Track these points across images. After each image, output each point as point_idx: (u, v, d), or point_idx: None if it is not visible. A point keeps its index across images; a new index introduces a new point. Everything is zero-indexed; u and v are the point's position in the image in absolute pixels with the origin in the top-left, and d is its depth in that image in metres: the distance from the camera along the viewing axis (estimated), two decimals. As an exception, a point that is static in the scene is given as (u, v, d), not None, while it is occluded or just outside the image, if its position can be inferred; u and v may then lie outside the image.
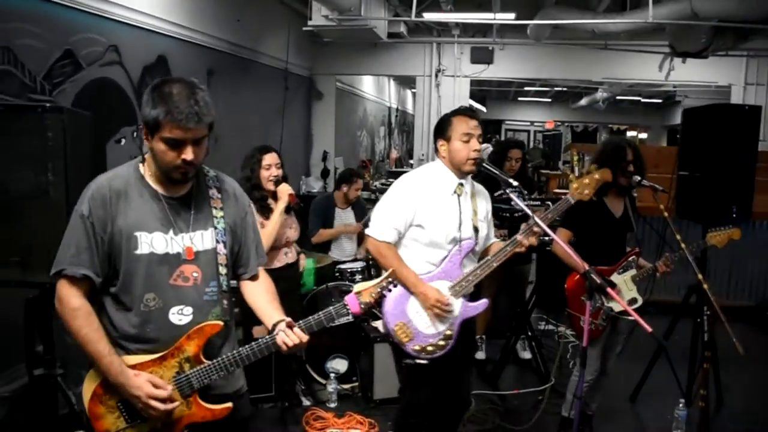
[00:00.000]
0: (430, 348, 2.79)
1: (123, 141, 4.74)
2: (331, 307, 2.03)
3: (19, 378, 4.11)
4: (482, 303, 2.91)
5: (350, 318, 2.09)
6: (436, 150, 2.94)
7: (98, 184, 1.95)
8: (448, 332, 2.82)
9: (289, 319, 2.02)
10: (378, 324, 4.34)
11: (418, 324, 2.78)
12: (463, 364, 3.11)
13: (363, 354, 4.36)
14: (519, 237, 2.76)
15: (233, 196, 2.15)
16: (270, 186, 3.68)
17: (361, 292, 2.06)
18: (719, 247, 3.76)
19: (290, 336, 1.97)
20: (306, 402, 4.19)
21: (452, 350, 2.85)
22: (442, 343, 2.81)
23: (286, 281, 3.77)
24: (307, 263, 4.49)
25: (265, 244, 3.53)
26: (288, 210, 3.72)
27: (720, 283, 6.50)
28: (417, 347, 2.78)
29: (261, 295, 2.19)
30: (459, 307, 2.83)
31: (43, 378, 3.04)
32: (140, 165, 2.01)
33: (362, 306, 2.04)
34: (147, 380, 1.90)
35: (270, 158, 3.70)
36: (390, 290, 2.12)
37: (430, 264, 2.84)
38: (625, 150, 3.46)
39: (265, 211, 3.65)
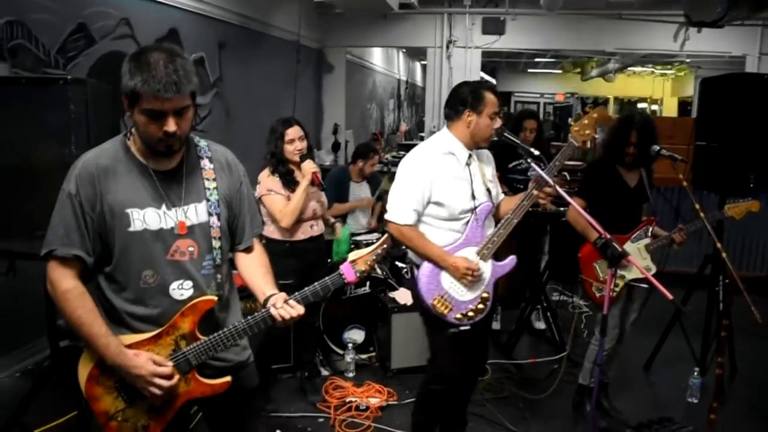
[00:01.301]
0: (471, 313, 2.85)
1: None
2: (327, 278, 2.02)
3: (41, 351, 4.19)
4: (511, 260, 2.94)
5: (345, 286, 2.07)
6: (456, 117, 2.89)
7: (85, 161, 1.88)
8: (485, 294, 2.87)
9: (282, 294, 1.99)
10: (395, 294, 4.38)
11: (454, 293, 2.83)
12: (485, 331, 3.17)
13: (380, 324, 4.40)
14: (534, 191, 2.78)
15: (226, 166, 2.08)
16: (296, 159, 3.64)
17: (356, 260, 2.03)
18: (737, 218, 3.74)
19: (286, 309, 1.94)
20: (324, 372, 4.24)
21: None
22: (481, 306, 2.87)
23: (312, 253, 3.79)
24: (343, 231, 4.49)
25: (290, 219, 3.56)
26: (312, 184, 3.71)
27: (733, 253, 6.48)
28: (458, 315, 2.84)
29: (255, 269, 2.14)
30: (489, 268, 2.88)
31: (69, 349, 3.08)
32: (127, 140, 1.93)
33: (358, 274, 2.03)
34: (148, 359, 1.86)
35: (293, 132, 3.64)
36: (385, 257, 2.11)
37: (454, 232, 2.86)
38: (629, 133, 3.44)
39: (291, 185, 3.63)
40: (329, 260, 4.35)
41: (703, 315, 4.21)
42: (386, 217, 2.91)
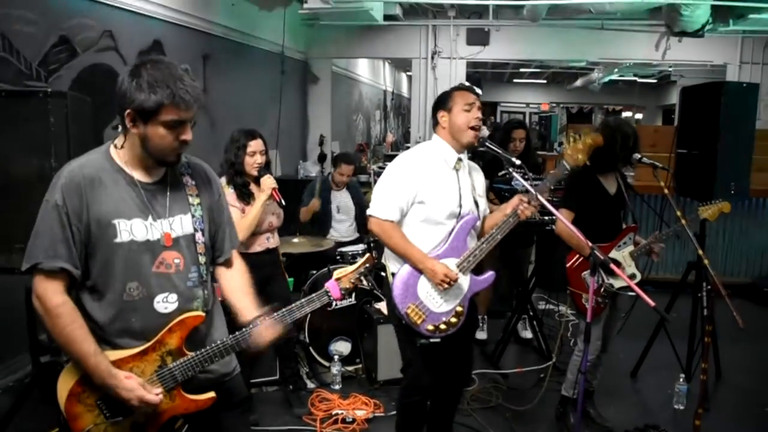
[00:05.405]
0: (443, 326, 2.80)
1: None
2: (313, 294, 2.09)
3: (23, 368, 4.13)
4: (489, 276, 2.91)
5: (332, 302, 2.18)
6: (436, 123, 2.92)
7: (70, 171, 1.84)
8: (459, 309, 2.83)
9: (262, 312, 2.04)
10: (381, 306, 4.36)
11: (429, 304, 2.79)
12: (467, 342, 3.14)
13: (366, 336, 4.38)
14: (520, 207, 2.74)
15: (207, 181, 2.09)
16: (254, 172, 3.58)
17: (341, 278, 2.13)
18: (711, 219, 3.82)
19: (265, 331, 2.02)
20: (310, 384, 4.21)
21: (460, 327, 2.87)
22: (454, 320, 2.82)
23: (267, 266, 3.73)
24: None
25: (246, 232, 3.47)
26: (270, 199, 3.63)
27: (716, 260, 6.54)
28: (431, 327, 2.79)
29: (238, 288, 2.16)
30: (467, 282, 2.84)
31: (50, 365, 3.05)
32: (112, 151, 1.91)
33: (343, 292, 2.12)
34: (140, 384, 1.85)
35: (256, 145, 3.58)
36: (367, 275, 2.20)
37: (436, 241, 2.83)
38: (631, 139, 3.46)
39: (246, 198, 3.57)
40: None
41: (688, 321, 4.23)
42: (368, 211, 2.87)
